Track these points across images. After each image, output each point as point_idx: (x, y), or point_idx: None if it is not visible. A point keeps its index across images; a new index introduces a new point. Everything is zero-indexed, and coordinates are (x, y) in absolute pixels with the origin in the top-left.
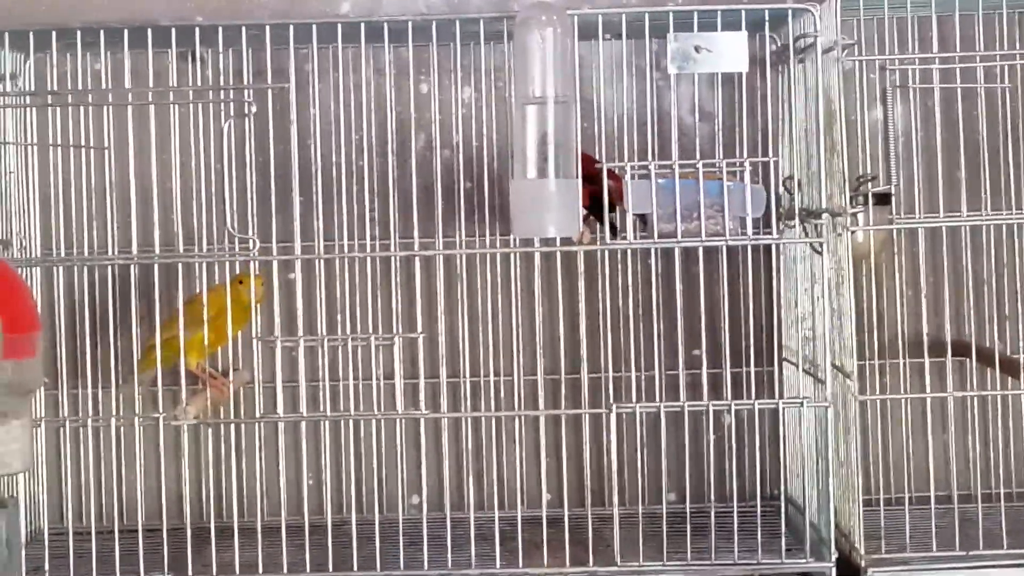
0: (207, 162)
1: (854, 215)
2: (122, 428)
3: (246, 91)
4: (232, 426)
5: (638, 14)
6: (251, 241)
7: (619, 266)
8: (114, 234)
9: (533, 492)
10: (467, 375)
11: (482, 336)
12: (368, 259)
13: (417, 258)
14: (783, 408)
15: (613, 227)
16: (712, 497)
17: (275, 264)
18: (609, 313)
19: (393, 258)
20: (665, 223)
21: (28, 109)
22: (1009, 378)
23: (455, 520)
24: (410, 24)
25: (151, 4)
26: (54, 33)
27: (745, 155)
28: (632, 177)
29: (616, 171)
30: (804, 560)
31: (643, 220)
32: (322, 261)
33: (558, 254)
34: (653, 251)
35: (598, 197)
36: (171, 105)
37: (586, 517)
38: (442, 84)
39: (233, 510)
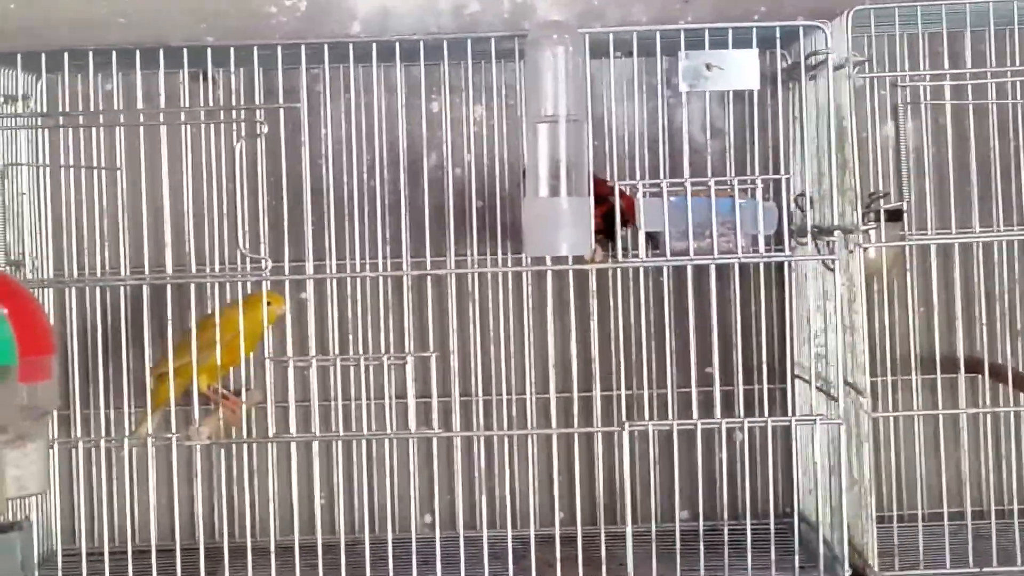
0: (219, 182)
1: (866, 232)
2: (135, 449)
3: (258, 111)
4: (245, 446)
5: (649, 32)
6: (263, 261)
7: (631, 284)
8: (126, 255)
9: (546, 510)
10: (479, 394)
11: (494, 355)
12: (380, 278)
13: (429, 277)
14: (796, 425)
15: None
16: (725, 515)
17: (287, 284)
18: (621, 331)
19: (405, 277)
20: (677, 241)
21: (40, 130)
22: (1022, 394)
23: (468, 539)
24: (421, 43)
25: (163, 25)
26: (66, 54)
27: (757, 172)
28: (644, 195)
29: (628, 189)
30: None
31: (655, 238)
32: (334, 281)
33: (570, 272)
34: (665, 269)
35: (610, 217)
36: (183, 125)
37: (599, 535)
38: (453, 103)
39: (246, 530)
